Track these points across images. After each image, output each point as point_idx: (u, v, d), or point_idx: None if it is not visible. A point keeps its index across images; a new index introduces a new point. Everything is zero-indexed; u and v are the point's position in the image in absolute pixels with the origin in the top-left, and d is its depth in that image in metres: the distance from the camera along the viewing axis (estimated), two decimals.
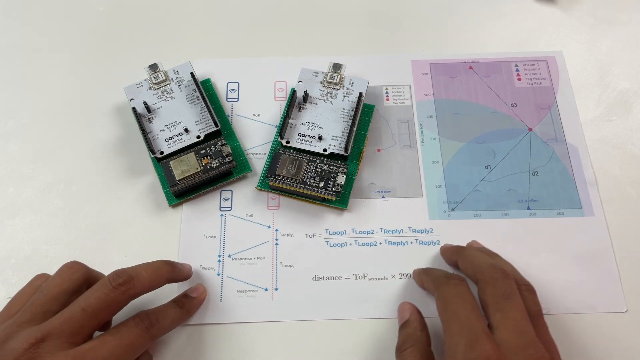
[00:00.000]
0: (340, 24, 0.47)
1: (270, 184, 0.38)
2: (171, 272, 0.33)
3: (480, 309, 0.30)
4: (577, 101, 0.43)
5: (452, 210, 0.39)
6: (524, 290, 0.30)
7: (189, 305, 0.35)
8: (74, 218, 0.39)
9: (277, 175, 0.38)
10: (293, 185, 0.38)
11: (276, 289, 0.36)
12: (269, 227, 0.38)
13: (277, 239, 0.38)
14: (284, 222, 0.38)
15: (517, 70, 0.44)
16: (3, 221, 0.39)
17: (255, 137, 0.42)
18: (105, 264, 0.34)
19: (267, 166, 0.40)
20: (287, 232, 0.38)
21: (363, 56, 0.45)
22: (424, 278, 0.35)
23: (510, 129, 0.41)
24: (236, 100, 0.43)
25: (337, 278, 0.37)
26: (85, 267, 0.32)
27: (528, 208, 0.39)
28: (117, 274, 0.31)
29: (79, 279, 0.31)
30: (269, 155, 0.40)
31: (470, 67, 0.44)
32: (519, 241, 0.38)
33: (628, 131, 0.42)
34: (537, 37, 0.46)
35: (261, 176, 0.40)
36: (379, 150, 0.41)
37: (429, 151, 0.41)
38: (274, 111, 0.43)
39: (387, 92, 0.43)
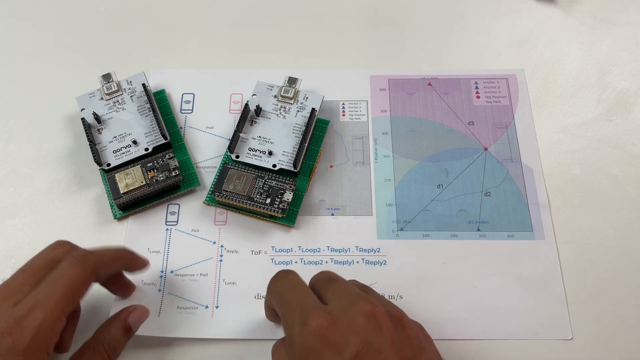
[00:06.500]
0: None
1: (217, 199, 0.37)
2: (130, 255, 0.34)
3: (311, 291, 0.29)
4: (536, 120, 0.42)
5: (401, 229, 0.38)
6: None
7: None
8: (74, 218, 0.39)
9: (224, 190, 0.37)
10: (239, 201, 0.37)
11: (217, 307, 0.36)
12: (214, 242, 0.38)
13: (221, 255, 0.37)
14: (230, 238, 0.38)
15: (476, 87, 0.43)
16: (3, 221, 0.39)
17: (207, 150, 0.41)
18: None
19: (215, 181, 0.39)
20: (232, 249, 0.38)
21: (322, 70, 0.44)
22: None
23: (465, 148, 0.41)
24: (190, 112, 0.43)
25: None
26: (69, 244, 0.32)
27: (478, 229, 0.38)
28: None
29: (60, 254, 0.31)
30: (218, 169, 0.40)
31: (429, 84, 0.43)
32: (467, 263, 0.37)
33: (628, 131, 0.42)
34: (537, 37, 0.46)
35: (209, 191, 0.39)
36: (331, 166, 0.40)
37: (382, 169, 0.40)
38: (228, 124, 0.42)
39: (343, 107, 0.43)
